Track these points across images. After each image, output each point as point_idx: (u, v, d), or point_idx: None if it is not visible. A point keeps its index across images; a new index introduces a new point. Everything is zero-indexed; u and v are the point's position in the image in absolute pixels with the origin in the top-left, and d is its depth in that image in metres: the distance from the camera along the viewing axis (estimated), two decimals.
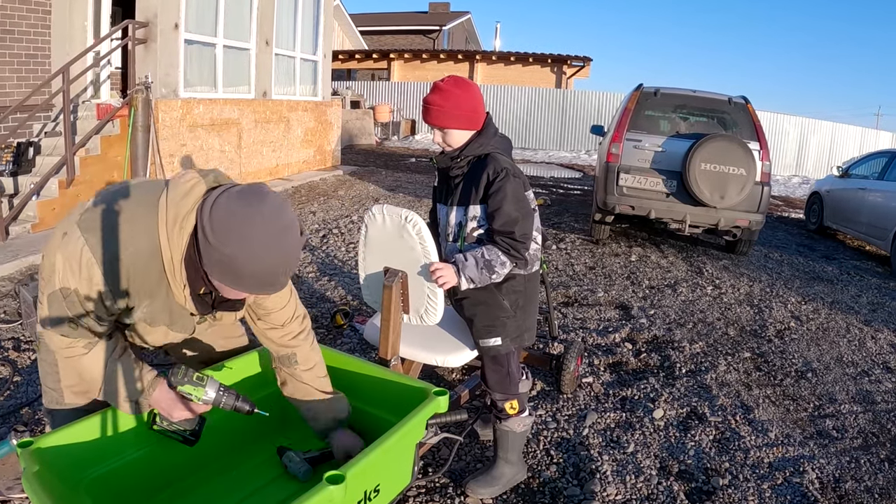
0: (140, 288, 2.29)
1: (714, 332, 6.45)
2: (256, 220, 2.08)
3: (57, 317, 2.25)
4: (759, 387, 5.21)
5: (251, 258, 2.08)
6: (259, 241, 2.07)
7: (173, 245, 2.20)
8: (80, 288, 2.20)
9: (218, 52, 11.67)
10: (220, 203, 2.11)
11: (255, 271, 2.11)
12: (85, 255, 2.17)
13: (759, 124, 9.41)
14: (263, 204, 2.11)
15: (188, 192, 2.21)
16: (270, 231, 2.09)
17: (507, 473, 3.57)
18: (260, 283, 2.17)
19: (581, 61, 30.78)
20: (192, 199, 2.20)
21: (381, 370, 3.00)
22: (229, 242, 2.07)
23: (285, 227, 2.13)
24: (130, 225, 2.21)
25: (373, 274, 3.46)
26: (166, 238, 2.20)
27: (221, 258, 2.10)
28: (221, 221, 2.08)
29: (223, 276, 2.15)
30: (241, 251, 2.07)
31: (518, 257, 3.19)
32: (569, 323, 6.37)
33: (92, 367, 2.35)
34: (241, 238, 2.07)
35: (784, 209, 16.55)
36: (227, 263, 2.10)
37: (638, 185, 9.29)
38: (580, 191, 16.27)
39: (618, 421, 4.48)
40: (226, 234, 2.07)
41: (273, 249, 2.10)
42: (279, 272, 2.17)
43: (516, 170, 3.21)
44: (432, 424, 2.74)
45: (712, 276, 8.59)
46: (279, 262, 2.14)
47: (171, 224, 2.19)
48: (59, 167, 8.80)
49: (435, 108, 3.18)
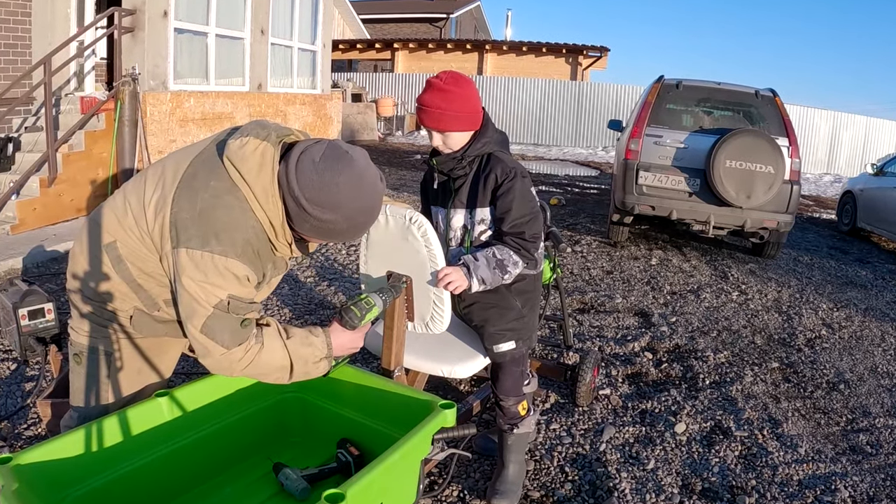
0: (265, 256, 2.53)
1: (740, 340, 6.44)
2: (350, 185, 2.36)
3: (230, 331, 2.42)
4: (787, 399, 5.20)
5: (350, 220, 2.42)
6: (356, 204, 2.39)
7: (272, 214, 2.43)
8: (232, 290, 2.39)
9: (210, 41, 11.71)
10: (307, 171, 2.35)
11: (353, 226, 2.46)
12: (218, 261, 2.36)
13: (788, 118, 9.40)
14: (352, 168, 2.37)
15: (261, 162, 2.40)
16: (364, 191, 2.40)
17: (519, 474, 3.67)
18: (355, 234, 2.54)
19: (598, 51, 30.74)
20: (269, 167, 2.40)
21: (383, 381, 2.99)
22: (328, 210, 2.37)
23: (373, 184, 2.45)
24: (240, 212, 2.41)
25: (375, 279, 3.46)
26: (263, 211, 2.42)
27: (320, 224, 2.41)
28: (316, 191, 2.34)
29: (322, 236, 2.50)
30: (341, 217, 2.39)
31: (529, 257, 3.25)
32: (584, 331, 6.37)
33: (275, 356, 2.54)
34: (338, 205, 2.36)
35: (814, 209, 16.51)
36: (328, 228, 2.43)
37: (659, 183, 9.29)
38: (597, 190, 16.27)
39: (637, 435, 4.48)
40: (323, 204, 2.35)
41: (367, 206, 2.44)
42: (370, 223, 2.54)
43: (523, 169, 3.27)
44: (439, 439, 2.74)
45: (738, 281, 8.58)
46: (372, 215, 2.50)
47: (264, 199, 2.41)
48: (41, 164, 8.82)
49: (435, 111, 3.16)
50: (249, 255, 2.43)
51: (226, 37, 12.10)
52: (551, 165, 21.64)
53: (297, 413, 3.11)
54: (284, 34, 14.07)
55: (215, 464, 2.88)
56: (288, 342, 2.57)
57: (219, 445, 2.87)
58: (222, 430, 2.74)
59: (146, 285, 2.60)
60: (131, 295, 2.62)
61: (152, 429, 2.59)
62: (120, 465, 2.52)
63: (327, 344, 2.68)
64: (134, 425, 2.52)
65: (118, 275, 2.58)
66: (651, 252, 9.87)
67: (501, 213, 3.20)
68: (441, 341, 3.63)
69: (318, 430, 3.10)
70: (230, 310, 2.39)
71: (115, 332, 2.69)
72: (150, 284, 2.60)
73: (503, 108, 28.23)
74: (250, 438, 2.91)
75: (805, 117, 25.81)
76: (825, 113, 26.33)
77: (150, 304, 2.65)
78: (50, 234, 8.36)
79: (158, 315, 2.69)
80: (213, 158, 2.49)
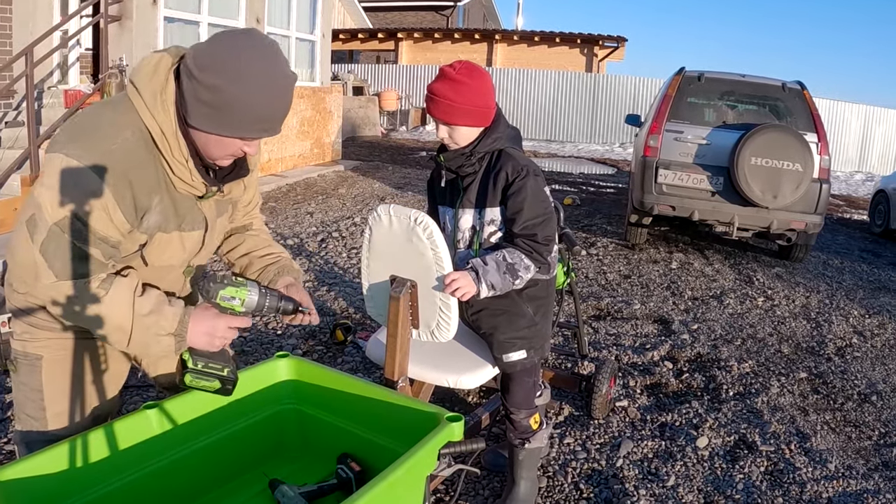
0: (145, 184, 2.27)
1: (766, 349, 6.43)
2: (247, 50, 2.13)
3: (63, 258, 2.18)
4: (816, 412, 5.19)
5: (243, 88, 2.13)
6: (249, 70, 2.12)
7: (161, 121, 2.21)
8: (78, 207, 2.15)
9: (202, 31, 11.73)
10: (203, 44, 2.18)
11: (249, 104, 2.16)
12: (71, 165, 2.13)
13: (817, 113, 9.39)
14: (252, 36, 2.17)
15: (155, 68, 2.24)
16: (262, 61, 2.15)
17: (531, 491, 3.69)
18: (256, 120, 2.21)
19: (615, 42, 30.74)
20: (163, 71, 2.23)
21: (386, 393, 2.99)
22: (218, 73, 2.12)
23: (276, 61, 2.19)
24: (109, 121, 2.22)
25: (378, 283, 3.46)
26: (151, 117, 2.21)
27: (210, 95, 2.14)
28: (207, 55, 2.14)
29: (214, 120, 2.19)
30: (231, 80, 2.11)
31: (541, 261, 3.23)
32: (601, 339, 6.37)
33: (114, 311, 2.27)
34: (231, 69, 2.12)
35: (845, 210, 16.50)
36: (217, 99, 2.14)
37: (679, 182, 9.28)
38: (613, 189, 16.27)
39: (656, 450, 4.47)
40: (214, 67, 2.12)
41: (265, 81, 2.15)
42: (275, 108, 2.22)
43: (535, 167, 3.26)
44: (445, 454, 2.74)
45: (764, 286, 8.57)
46: (273, 95, 2.19)
47: (151, 100, 2.21)
48: (22, 162, 8.83)
49: (444, 102, 3.16)
50: (111, 173, 2.16)
51: (219, 26, 12.10)
52: (565, 163, 21.65)
53: (294, 426, 3.11)
54: (281, 23, 14.09)
55: (208, 480, 2.88)
56: (137, 300, 2.29)
57: (211, 461, 2.87)
58: (215, 444, 2.74)
59: None
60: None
61: (141, 443, 2.57)
62: (106, 481, 2.52)
63: (180, 319, 2.35)
64: (121, 439, 2.51)
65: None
66: (671, 255, 9.87)
67: (512, 214, 3.19)
68: (447, 350, 3.62)
69: (317, 445, 3.10)
70: (71, 233, 2.15)
71: (49, 334, 2.54)
72: None
73: (514, 102, 28.25)
74: (245, 453, 2.91)
75: (835, 111, 25.77)
76: (857, 107, 26.28)
77: None
78: None
79: None
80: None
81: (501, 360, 3.42)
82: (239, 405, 2.99)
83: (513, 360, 3.41)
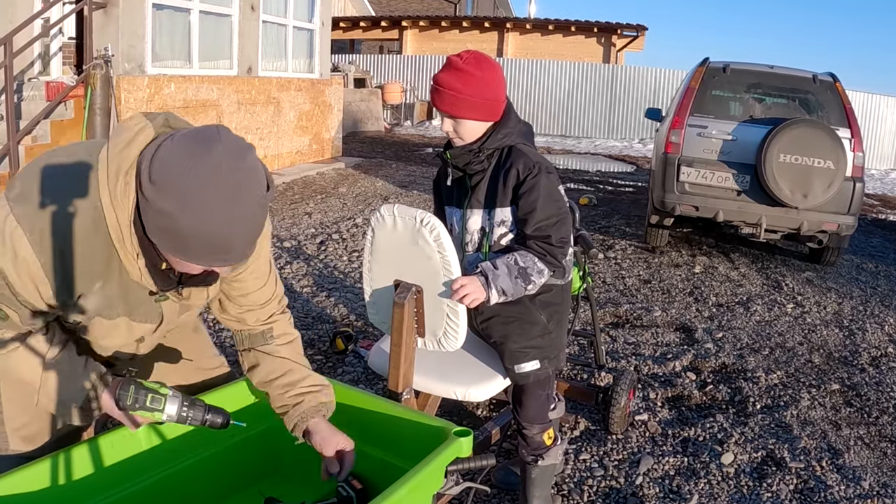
0: (87, 266, 2.21)
1: (795, 359, 6.42)
2: (200, 170, 1.96)
3: None
4: (849, 426, 5.18)
5: (194, 218, 1.97)
6: (202, 197, 1.95)
7: (118, 205, 2.10)
8: (5, 267, 2.12)
9: (193, 18, 11.76)
10: (163, 150, 2.00)
11: (201, 234, 1.99)
12: (9, 225, 2.10)
13: (850, 107, 9.36)
14: (211, 150, 1.98)
15: (132, 139, 2.12)
16: (219, 184, 1.97)
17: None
18: (209, 251, 2.05)
19: (634, 30, 30.75)
20: (136, 147, 2.11)
21: (390, 405, 2.99)
22: (167, 197, 1.96)
23: (239, 181, 2.01)
24: (66, 186, 2.16)
25: (381, 289, 3.45)
26: (109, 197, 2.11)
27: (159, 218, 2.00)
28: (160, 172, 1.97)
29: (165, 241, 2.05)
30: (181, 209, 1.96)
31: (556, 264, 3.21)
32: (619, 348, 6.36)
33: (24, 366, 2.28)
34: (180, 193, 1.95)
35: (880, 210, 16.45)
36: (167, 224, 2.00)
37: (703, 180, 9.26)
38: (633, 188, 16.26)
39: (678, 467, 4.47)
40: (164, 188, 1.96)
41: (220, 208, 1.98)
42: (232, 236, 2.05)
43: (548, 164, 3.24)
44: (453, 471, 2.73)
45: (793, 292, 8.56)
46: (229, 223, 2.01)
47: (113, 179, 2.09)
48: (1, 158, 8.84)
49: (450, 94, 3.15)
50: (50, 243, 2.13)
51: (211, 13, 12.16)
52: (581, 160, 21.64)
53: (290, 441, 3.10)
54: (278, 11, 14.11)
55: (199, 500, 2.88)
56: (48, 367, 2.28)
57: (203, 479, 2.87)
58: (206, 461, 2.74)
59: None
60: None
61: (127, 459, 2.57)
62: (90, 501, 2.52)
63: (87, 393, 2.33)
64: (106, 456, 2.51)
65: None
66: (694, 258, 9.86)
67: (524, 214, 3.18)
68: (455, 360, 3.62)
69: (315, 461, 3.09)
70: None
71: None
72: None
73: (526, 95, 28.24)
74: (239, 470, 2.91)
75: (869, 105, 25.69)
76: (892, 100, 26.18)
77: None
78: None
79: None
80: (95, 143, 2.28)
81: (513, 371, 3.41)
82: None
83: (525, 371, 3.39)
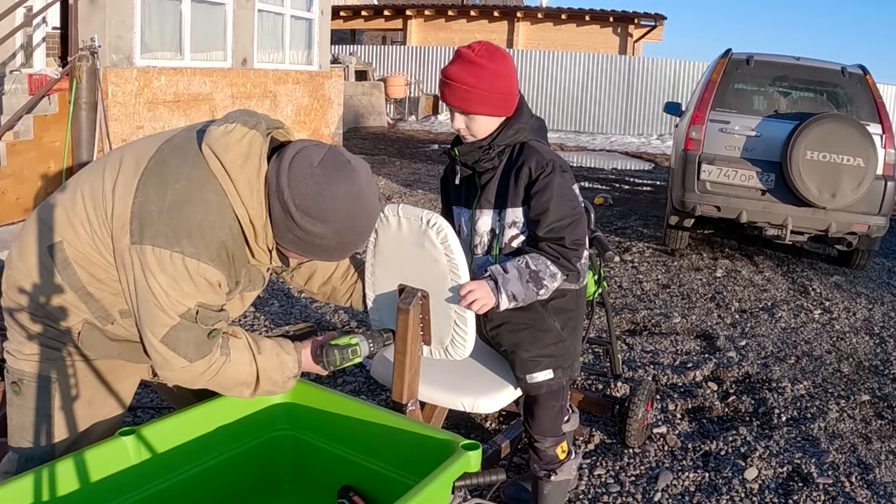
0: (240, 262, 2.63)
1: (823, 368, 6.41)
2: (348, 199, 2.48)
3: (196, 343, 2.50)
4: (880, 439, 5.17)
5: (339, 237, 2.54)
6: (349, 222, 2.53)
7: (254, 214, 2.52)
8: (204, 298, 2.47)
9: (185, 7, 11.78)
10: (302, 174, 2.45)
11: (340, 245, 2.59)
12: (190, 265, 2.42)
13: (882, 101, 9.35)
14: (353, 180, 2.50)
15: (247, 152, 2.47)
16: (361, 208, 2.54)
17: None
18: (340, 255, 2.70)
19: (652, 20, 30.74)
20: (256, 158, 2.48)
21: (394, 417, 2.99)
22: (318, 222, 2.46)
23: (372, 202, 2.61)
24: (212, 208, 2.47)
25: (384, 294, 3.44)
26: (244, 209, 2.50)
27: (305, 237, 2.50)
28: (308, 199, 2.44)
29: (303, 251, 2.60)
30: (331, 232, 2.50)
31: (570, 268, 3.19)
32: (636, 357, 6.36)
33: (240, 371, 2.65)
34: (331, 219, 2.47)
35: None
36: (313, 243, 2.53)
37: (725, 179, 9.25)
38: (651, 187, 16.27)
39: (699, 483, 4.46)
40: (314, 215, 2.45)
41: (361, 226, 2.61)
42: (361, 243, 2.69)
43: (562, 162, 3.23)
44: (460, 487, 2.73)
45: (821, 297, 8.54)
46: (364, 236, 2.68)
47: (247, 194, 2.49)
48: None
49: (461, 88, 3.14)
50: (224, 259, 2.51)
51: (204, 2, 12.18)
52: (596, 157, 21.65)
53: (289, 455, 3.11)
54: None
55: None
56: (258, 357, 2.68)
57: (196, 494, 2.87)
58: (200, 475, 2.74)
59: (98, 294, 2.61)
60: (80, 306, 2.62)
61: (116, 474, 2.58)
62: None
63: (298, 362, 2.82)
64: (93, 470, 2.51)
65: (65, 282, 2.59)
66: (716, 262, 9.85)
67: (536, 215, 3.17)
68: (463, 370, 3.61)
69: (314, 476, 3.10)
70: (198, 320, 2.47)
71: (61, 353, 2.69)
72: (102, 293, 2.61)
73: (538, 89, 28.22)
74: (234, 485, 2.91)
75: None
76: None
77: (103, 316, 2.66)
78: None
79: (112, 330, 2.69)
80: (187, 145, 2.53)
81: (525, 381, 3.40)
82: (228, 431, 3.00)
83: (538, 381, 3.38)
